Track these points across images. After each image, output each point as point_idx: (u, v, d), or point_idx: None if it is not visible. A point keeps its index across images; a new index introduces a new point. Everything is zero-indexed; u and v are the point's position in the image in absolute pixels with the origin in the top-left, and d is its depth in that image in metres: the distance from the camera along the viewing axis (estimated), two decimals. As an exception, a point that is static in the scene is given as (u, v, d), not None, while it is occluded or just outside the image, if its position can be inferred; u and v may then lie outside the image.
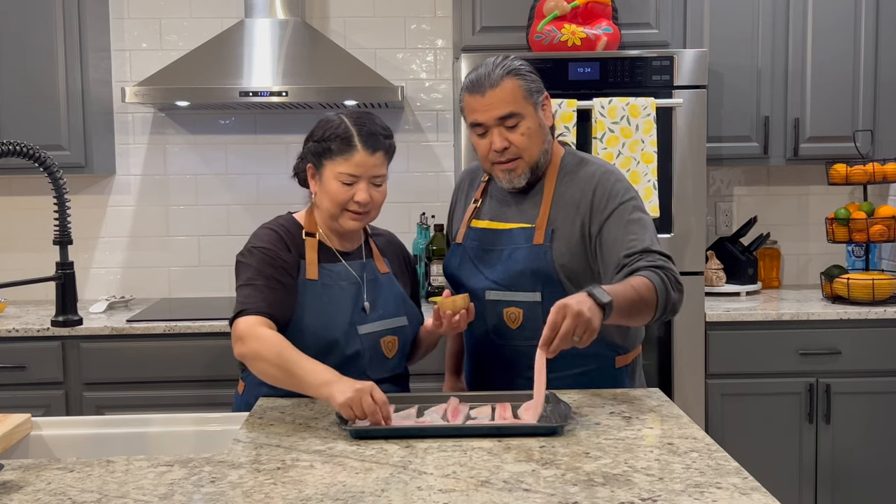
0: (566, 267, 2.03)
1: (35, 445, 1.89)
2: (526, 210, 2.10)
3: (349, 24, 3.74)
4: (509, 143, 2.02)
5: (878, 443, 3.26)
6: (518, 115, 2.02)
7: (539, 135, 2.06)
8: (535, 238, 2.05)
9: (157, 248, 3.77)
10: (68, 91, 3.36)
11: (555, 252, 2.04)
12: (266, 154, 3.75)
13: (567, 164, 2.12)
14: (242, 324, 1.91)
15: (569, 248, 2.04)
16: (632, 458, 1.56)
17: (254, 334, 1.89)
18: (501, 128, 2.02)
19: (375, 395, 1.73)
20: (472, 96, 2.04)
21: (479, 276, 2.12)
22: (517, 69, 2.04)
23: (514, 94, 2.02)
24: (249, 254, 2.01)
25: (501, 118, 2.01)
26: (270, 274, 1.97)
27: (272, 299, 1.95)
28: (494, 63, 2.05)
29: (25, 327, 3.10)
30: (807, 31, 3.46)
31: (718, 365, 3.24)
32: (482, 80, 2.02)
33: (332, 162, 1.99)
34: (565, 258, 2.03)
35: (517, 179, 2.07)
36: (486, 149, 2.05)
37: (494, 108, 2.01)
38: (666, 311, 1.90)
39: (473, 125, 2.06)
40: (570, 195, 2.07)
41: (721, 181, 3.87)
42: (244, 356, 1.91)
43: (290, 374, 1.84)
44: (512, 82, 2.02)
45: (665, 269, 1.91)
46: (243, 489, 1.43)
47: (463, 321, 2.02)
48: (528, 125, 2.03)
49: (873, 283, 3.30)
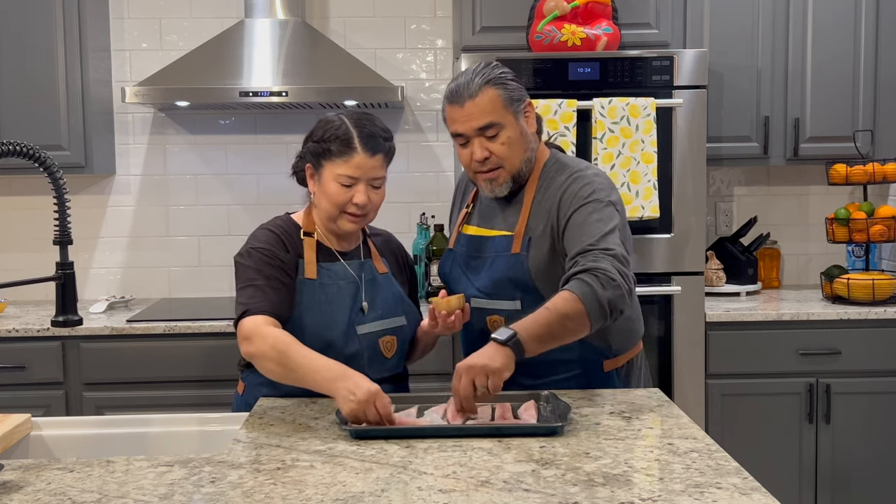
0: (541, 273, 2.02)
1: (35, 445, 1.89)
2: (508, 217, 2.10)
3: (349, 24, 3.74)
4: (490, 153, 2.01)
5: (878, 443, 3.26)
6: (498, 125, 2.00)
7: (520, 143, 2.04)
8: (514, 247, 2.05)
9: (157, 248, 3.76)
10: (68, 91, 3.36)
11: (531, 261, 2.03)
12: (266, 154, 3.75)
13: (548, 170, 2.10)
14: (248, 323, 1.91)
15: (543, 255, 2.03)
16: (632, 458, 1.56)
17: (260, 333, 1.89)
18: (482, 138, 2.01)
19: (378, 404, 1.74)
20: (451, 107, 2.03)
21: (466, 283, 2.13)
22: (497, 78, 2.02)
23: (494, 104, 2.00)
24: (248, 255, 2.01)
25: (481, 129, 2.00)
26: (270, 274, 1.97)
27: (275, 299, 1.95)
28: (474, 71, 2.03)
29: (25, 327, 3.10)
30: (807, 31, 3.46)
31: (718, 365, 3.24)
32: (461, 90, 2.00)
33: (331, 163, 1.99)
34: (540, 266, 2.03)
35: (499, 189, 2.07)
36: (468, 158, 2.05)
37: (473, 118, 2.00)
38: (604, 313, 1.83)
39: (455, 135, 2.06)
40: (545, 202, 2.05)
41: (721, 181, 3.87)
42: (252, 355, 1.91)
43: (295, 368, 1.84)
44: (491, 92, 2.00)
45: (595, 269, 1.84)
46: (243, 489, 1.43)
47: (458, 321, 2.03)
48: (508, 134, 2.02)
49: (873, 283, 3.30)
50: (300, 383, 1.87)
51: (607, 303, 1.83)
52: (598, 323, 1.84)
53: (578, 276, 1.85)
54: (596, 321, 1.84)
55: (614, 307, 1.85)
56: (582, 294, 1.81)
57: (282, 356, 1.86)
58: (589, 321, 1.83)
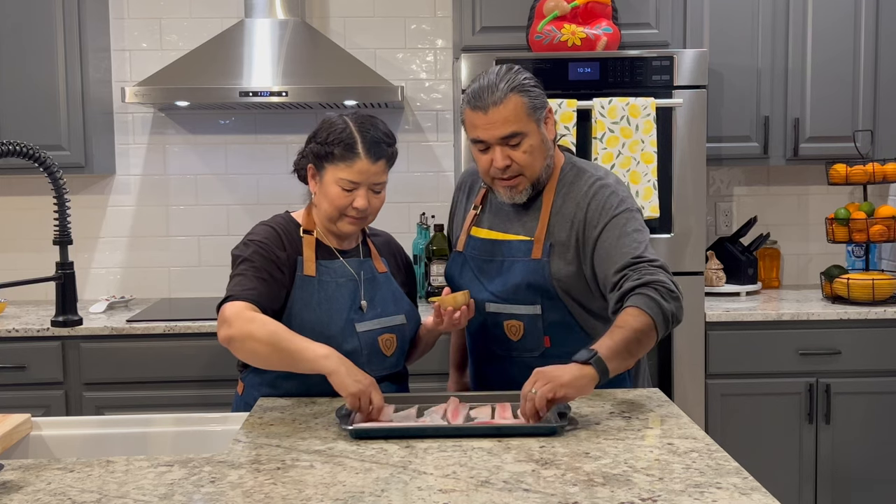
0: (563, 281, 2.02)
1: (35, 445, 1.89)
2: (526, 222, 2.08)
3: (349, 24, 3.74)
4: (511, 161, 1.98)
5: (878, 443, 3.26)
6: (521, 134, 1.96)
7: (542, 151, 2.01)
8: (534, 252, 2.04)
9: (157, 248, 3.76)
10: (68, 91, 3.36)
11: (552, 266, 2.02)
12: (266, 154, 3.75)
13: (566, 175, 2.08)
14: (229, 308, 1.91)
15: (566, 262, 2.02)
16: (632, 458, 1.56)
17: (243, 316, 1.88)
18: (504, 146, 1.97)
19: (375, 398, 1.78)
20: (474, 112, 1.97)
21: (479, 287, 2.11)
22: (521, 84, 1.96)
23: (518, 113, 1.95)
24: (245, 246, 2.02)
25: (504, 138, 1.96)
26: (262, 265, 1.97)
27: (262, 289, 1.94)
28: (498, 76, 1.97)
29: (25, 327, 3.10)
30: (807, 31, 3.46)
31: (718, 365, 3.24)
32: (485, 96, 1.95)
33: (333, 166, 1.99)
34: (562, 272, 2.02)
35: (518, 196, 2.04)
36: (488, 164, 2.00)
37: (497, 127, 1.95)
38: (668, 325, 1.87)
39: (475, 141, 2.01)
40: (567, 209, 2.04)
41: (721, 181, 3.87)
42: (232, 338, 1.88)
43: (284, 351, 1.84)
44: (516, 99, 1.95)
45: (654, 282, 1.86)
46: (243, 489, 1.43)
47: (463, 318, 2.02)
48: (530, 143, 1.98)
49: (873, 283, 3.30)
50: (285, 365, 1.87)
51: (671, 315, 1.86)
52: (663, 334, 1.88)
53: (639, 290, 1.86)
54: (662, 333, 1.87)
55: (675, 318, 1.88)
56: (649, 308, 1.83)
57: (272, 335, 1.85)
58: (656, 333, 1.85)
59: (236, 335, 1.88)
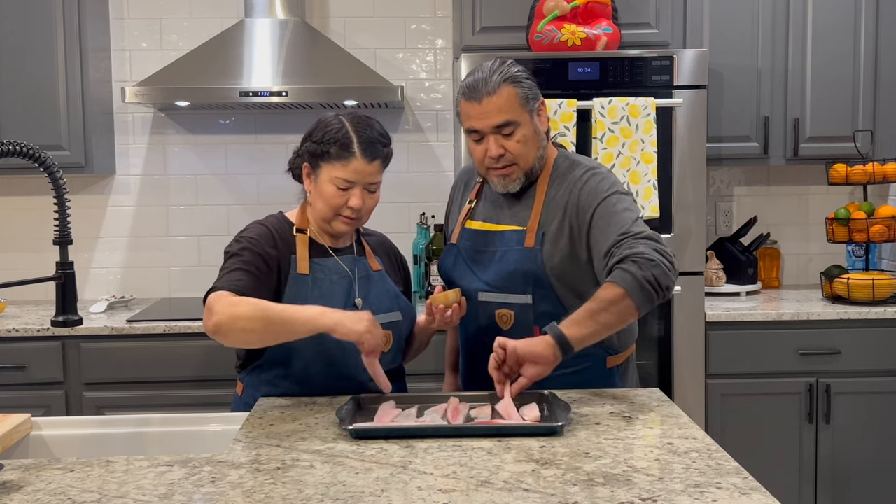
0: (556, 269, 2.04)
1: (35, 445, 1.89)
2: (518, 212, 2.11)
3: (349, 24, 3.74)
4: (505, 151, 2.03)
5: (878, 443, 3.26)
6: (514, 123, 2.02)
7: (535, 141, 2.06)
8: (527, 241, 2.06)
9: (157, 248, 3.77)
10: (68, 91, 3.36)
11: (545, 255, 2.04)
12: (266, 154, 3.75)
13: (559, 166, 2.12)
14: (212, 297, 1.91)
15: (558, 250, 2.04)
16: (632, 458, 1.56)
17: (226, 301, 1.87)
18: (497, 135, 2.02)
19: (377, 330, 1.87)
20: (468, 103, 2.04)
21: (471, 277, 2.13)
22: (514, 76, 2.03)
23: (511, 102, 2.01)
24: (236, 242, 2.03)
25: (498, 126, 2.01)
26: (250, 259, 1.97)
27: (246, 281, 1.93)
28: (492, 69, 2.04)
29: (25, 327, 3.10)
30: (807, 31, 3.46)
31: (718, 365, 3.24)
32: (479, 87, 2.01)
33: (329, 165, 1.99)
34: (555, 260, 2.04)
35: (512, 185, 2.08)
36: (482, 154, 2.06)
37: (491, 116, 2.01)
38: (649, 292, 1.86)
39: (469, 131, 2.06)
40: (559, 198, 2.07)
41: (721, 181, 3.87)
42: (219, 324, 1.86)
43: (276, 322, 1.85)
44: (509, 90, 2.01)
45: (632, 255, 1.87)
46: (243, 489, 1.43)
47: (455, 316, 2.04)
48: (523, 132, 2.03)
49: (873, 283, 3.30)
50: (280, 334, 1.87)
51: (648, 282, 1.85)
52: (646, 302, 1.87)
53: (616, 266, 1.89)
54: (642, 301, 1.86)
55: (657, 285, 1.87)
56: (621, 280, 1.86)
57: (260, 310, 1.85)
58: (633, 302, 1.86)
59: (223, 320, 1.86)
